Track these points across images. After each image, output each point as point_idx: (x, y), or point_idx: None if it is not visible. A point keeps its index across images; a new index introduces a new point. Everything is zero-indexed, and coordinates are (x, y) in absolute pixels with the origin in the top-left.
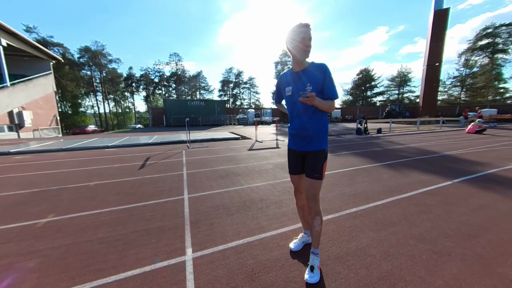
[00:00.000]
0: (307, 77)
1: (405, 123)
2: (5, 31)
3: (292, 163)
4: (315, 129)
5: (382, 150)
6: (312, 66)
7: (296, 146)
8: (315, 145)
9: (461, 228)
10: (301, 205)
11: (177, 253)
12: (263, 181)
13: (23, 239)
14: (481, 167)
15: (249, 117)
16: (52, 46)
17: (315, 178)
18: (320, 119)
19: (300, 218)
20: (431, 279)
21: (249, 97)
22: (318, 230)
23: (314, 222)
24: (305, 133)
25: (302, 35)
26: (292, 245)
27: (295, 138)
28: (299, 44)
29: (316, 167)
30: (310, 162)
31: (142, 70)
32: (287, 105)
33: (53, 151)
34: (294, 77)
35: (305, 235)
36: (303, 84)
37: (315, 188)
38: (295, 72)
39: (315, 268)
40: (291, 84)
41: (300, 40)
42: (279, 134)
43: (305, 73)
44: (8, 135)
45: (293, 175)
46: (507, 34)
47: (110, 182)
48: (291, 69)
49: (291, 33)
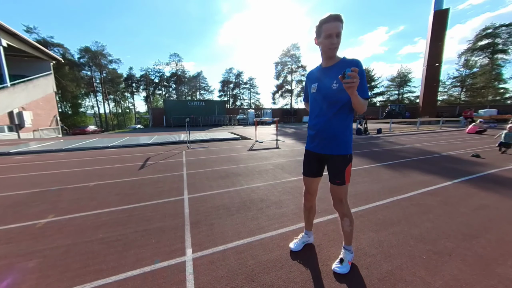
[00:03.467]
0: (336, 73)
1: (405, 124)
2: (6, 31)
3: (307, 164)
4: (339, 130)
5: (382, 151)
6: (343, 62)
7: (315, 148)
8: (339, 148)
9: (461, 229)
10: (308, 206)
11: (177, 253)
12: (263, 181)
13: (23, 240)
14: (481, 168)
15: (249, 118)
16: (52, 47)
17: (337, 184)
18: (345, 119)
19: (305, 218)
20: (432, 280)
21: (249, 97)
22: (348, 230)
23: (343, 223)
24: (327, 134)
25: (329, 31)
26: (292, 245)
27: (315, 139)
28: (325, 41)
29: (339, 173)
30: (332, 167)
31: (142, 70)
32: (310, 103)
33: (53, 151)
34: (322, 73)
35: (305, 236)
36: (330, 81)
37: (340, 193)
38: (323, 68)
39: (345, 261)
40: (317, 80)
41: (326, 36)
42: (279, 135)
43: (333, 69)
44: (8, 135)
45: (306, 177)
46: (507, 34)
47: (110, 182)
48: (320, 65)
49: (318, 28)
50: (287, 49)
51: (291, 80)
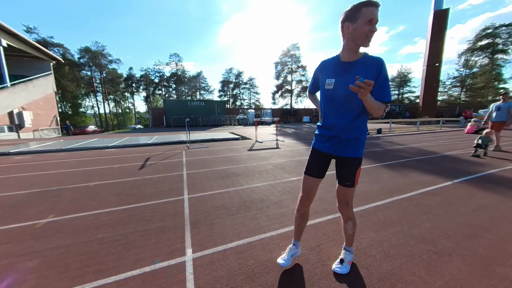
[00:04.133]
0: (358, 71)
1: (405, 124)
2: (6, 31)
3: (314, 164)
4: (356, 133)
5: (382, 151)
6: (366, 59)
7: (329, 149)
8: (353, 151)
9: (461, 229)
10: (303, 212)
11: (177, 253)
12: (263, 181)
13: (23, 240)
14: (481, 168)
15: (249, 118)
16: (52, 47)
17: (348, 186)
18: (365, 121)
19: (296, 226)
20: (432, 280)
21: (249, 97)
22: (351, 233)
23: (347, 225)
24: (348, 137)
25: (371, 15)
26: (281, 260)
27: (329, 139)
28: (364, 26)
29: (350, 175)
30: (343, 169)
31: (142, 70)
32: (324, 100)
33: (53, 151)
34: (341, 68)
35: (293, 247)
36: (351, 79)
37: (348, 195)
38: (343, 62)
39: (345, 261)
40: (335, 75)
41: (366, 21)
42: (279, 135)
43: (356, 66)
44: (8, 135)
45: (310, 177)
46: (507, 34)
47: (110, 182)
48: (338, 57)
49: (353, 12)
50: (287, 49)
51: (291, 80)
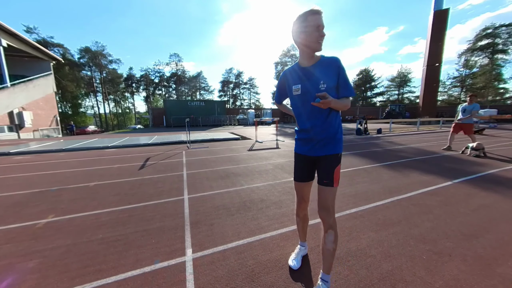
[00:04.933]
0: (320, 73)
1: (405, 124)
2: (6, 31)
3: (300, 169)
4: (332, 131)
5: (382, 151)
6: (324, 61)
7: (310, 151)
8: (330, 148)
9: (461, 229)
10: (302, 215)
11: (177, 253)
12: (263, 181)
13: (23, 240)
14: (481, 168)
15: (249, 118)
16: (52, 47)
17: (325, 185)
18: (335, 119)
19: (299, 229)
20: (432, 280)
21: (249, 97)
22: (331, 249)
23: (327, 237)
24: (320, 136)
25: (317, 22)
26: (292, 262)
27: (307, 142)
28: (313, 33)
29: (327, 173)
30: (322, 167)
31: (142, 70)
32: (296, 106)
33: (53, 151)
34: (304, 73)
35: (302, 248)
36: (316, 82)
37: (327, 197)
38: (304, 67)
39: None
40: (300, 81)
41: (315, 28)
42: (279, 135)
43: (316, 69)
44: (8, 135)
45: (299, 182)
46: (507, 34)
47: (110, 182)
48: (298, 64)
49: (302, 22)
50: (287, 49)
51: None
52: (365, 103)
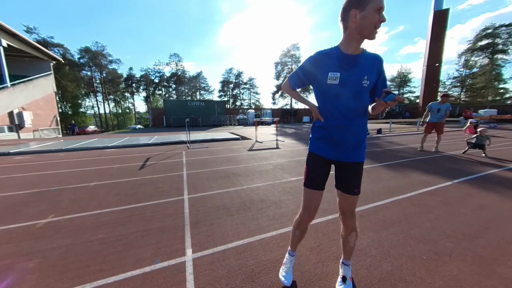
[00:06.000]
0: (365, 66)
1: (405, 124)
2: (6, 31)
3: (316, 174)
4: (364, 134)
5: (382, 151)
6: (367, 55)
7: (332, 154)
8: (361, 155)
9: (461, 229)
10: (304, 228)
11: (177, 253)
12: (263, 181)
13: (23, 240)
14: (481, 168)
15: (249, 118)
16: (52, 47)
17: (355, 194)
18: (367, 121)
19: (295, 240)
20: (432, 280)
21: (249, 97)
22: (353, 245)
23: (350, 238)
24: (357, 139)
25: (380, 3)
26: (285, 276)
27: (336, 143)
28: (373, 16)
29: (357, 181)
30: (350, 175)
31: (142, 70)
32: (326, 97)
33: (53, 151)
34: (347, 61)
35: (293, 258)
36: (360, 75)
37: (355, 204)
38: (347, 54)
39: (347, 278)
40: (340, 69)
41: (375, 11)
42: (279, 135)
43: (361, 61)
44: (8, 135)
45: (317, 191)
46: (507, 34)
47: (110, 182)
48: (338, 48)
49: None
50: (287, 49)
51: None
52: None
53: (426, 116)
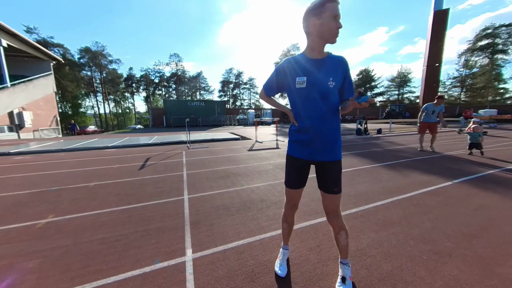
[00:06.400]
0: (329, 69)
1: (405, 124)
2: (6, 32)
3: (296, 175)
4: (336, 133)
5: (382, 151)
6: (332, 57)
7: (311, 155)
8: (336, 154)
9: (461, 229)
10: (291, 221)
11: (177, 253)
12: (263, 181)
13: (23, 240)
14: (482, 168)
15: (249, 118)
16: (52, 47)
17: (336, 193)
18: (339, 120)
19: (285, 234)
20: (432, 280)
21: (249, 97)
22: (345, 244)
23: (340, 237)
24: (328, 139)
25: (336, 11)
26: (280, 269)
27: (308, 144)
28: (331, 23)
29: (337, 180)
30: (328, 175)
31: (142, 70)
32: (296, 101)
33: (53, 151)
34: (312, 65)
35: (287, 252)
36: (325, 77)
37: (338, 203)
38: (312, 59)
39: (347, 279)
40: (306, 74)
41: (332, 18)
42: (279, 135)
43: (325, 63)
44: (8, 135)
45: (295, 190)
46: (507, 34)
47: (110, 182)
48: (304, 55)
49: (320, 7)
50: (287, 49)
51: None
52: None
53: (421, 117)
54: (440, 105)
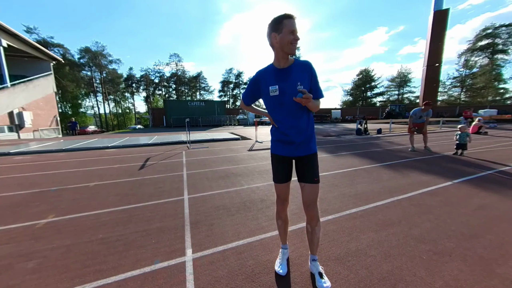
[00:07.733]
0: (296, 74)
1: (405, 124)
2: (6, 32)
3: (280, 171)
4: (310, 130)
5: (382, 151)
6: (298, 63)
7: (293, 152)
8: (313, 147)
9: (461, 229)
10: (284, 216)
11: (177, 253)
12: (263, 181)
13: (23, 240)
14: (482, 168)
15: (249, 118)
16: (52, 47)
17: (316, 182)
18: (312, 118)
19: (281, 232)
20: (432, 280)
21: None
22: (319, 236)
23: (317, 228)
24: (305, 136)
25: (292, 26)
26: (280, 268)
27: (288, 143)
28: (288, 36)
29: (315, 170)
30: (308, 166)
31: (142, 70)
32: (272, 107)
33: (53, 151)
34: (280, 74)
35: (286, 251)
36: (293, 82)
37: (317, 193)
38: (279, 69)
39: (323, 274)
40: (277, 82)
41: (289, 32)
42: None
43: (292, 70)
44: (8, 135)
45: (282, 184)
46: (507, 34)
47: (110, 182)
48: (272, 65)
49: (278, 24)
50: None
51: None
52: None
53: (410, 122)
54: (427, 111)
